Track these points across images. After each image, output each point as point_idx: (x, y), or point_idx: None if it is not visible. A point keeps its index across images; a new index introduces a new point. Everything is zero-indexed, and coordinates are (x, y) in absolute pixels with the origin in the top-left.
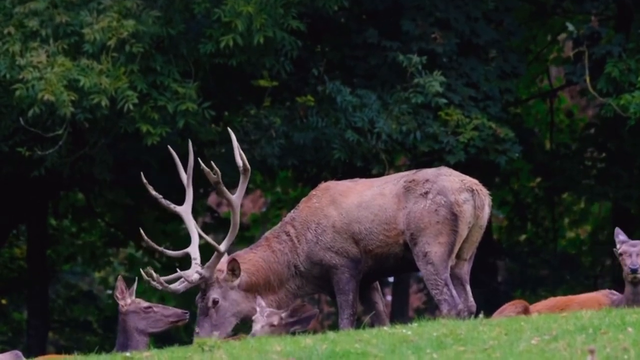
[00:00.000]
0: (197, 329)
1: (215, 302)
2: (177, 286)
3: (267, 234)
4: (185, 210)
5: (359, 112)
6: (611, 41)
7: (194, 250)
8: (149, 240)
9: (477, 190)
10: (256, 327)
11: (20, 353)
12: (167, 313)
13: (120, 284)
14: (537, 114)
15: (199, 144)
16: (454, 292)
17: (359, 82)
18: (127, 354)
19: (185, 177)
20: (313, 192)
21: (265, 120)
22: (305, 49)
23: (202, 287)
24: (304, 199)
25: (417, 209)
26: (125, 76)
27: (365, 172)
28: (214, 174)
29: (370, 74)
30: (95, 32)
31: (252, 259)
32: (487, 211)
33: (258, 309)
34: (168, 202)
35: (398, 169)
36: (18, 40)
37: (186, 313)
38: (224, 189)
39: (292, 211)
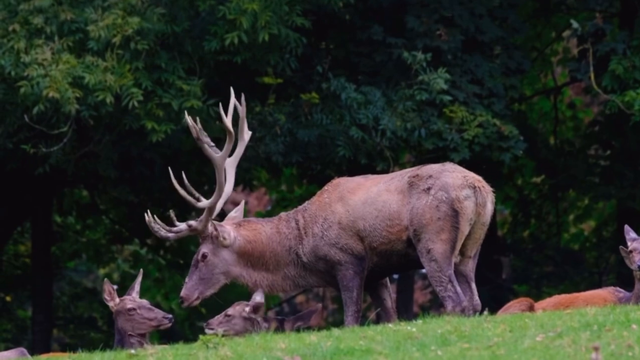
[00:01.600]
0: (186, 279)
1: (204, 256)
2: (166, 233)
3: (282, 214)
4: (218, 159)
5: (363, 109)
6: (615, 38)
7: (214, 202)
8: (188, 185)
9: (479, 187)
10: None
11: (25, 350)
12: (150, 316)
13: (107, 286)
14: (542, 109)
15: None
16: (458, 288)
17: (364, 79)
18: (132, 351)
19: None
20: (325, 187)
21: (270, 117)
22: (309, 46)
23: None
24: (318, 192)
25: (420, 205)
26: (130, 73)
27: (370, 170)
28: (196, 130)
29: (375, 70)
30: (100, 29)
31: (256, 229)
32: (489, 208)
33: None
34: (214, 148)
35: (403, 167)
36: (23, 37)
37: (168, 317)
38: (206, 146)
39: (307, 202)
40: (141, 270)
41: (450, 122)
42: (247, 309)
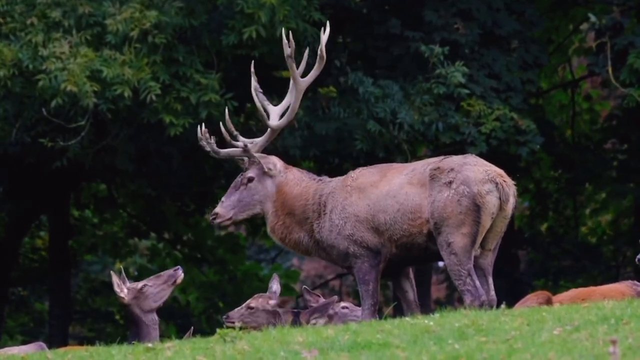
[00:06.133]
0: (223, 198)
1: (250, 180)
2: (216, 149)
3: (323, 177)
4: (302, 82)
5: (381, 103)
6: (633, 32)
7: (284, 124)
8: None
9: (501, 182)
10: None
11: (44, 345)
12: (161, 280)
13: (114, 278)
14: (560, 102)
15: (220, 135)
16: (477, 282)
17: (381, 72)
18: (149, 344)
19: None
20: (350, 174)
21: None
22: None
23: (245, 166)
24: (343, 177)
25: (441, 198)
26: (148, 67)
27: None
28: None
29: (393, 64)
30: (118, 22)
31: (298, 177)
32: (512, 202)
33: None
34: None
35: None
36: (41, 30)
37: (177, 269)
38: (294, 67)
39: (336, 179)
40: (121, 268)
41: (467, 115)
42: (272, 302)
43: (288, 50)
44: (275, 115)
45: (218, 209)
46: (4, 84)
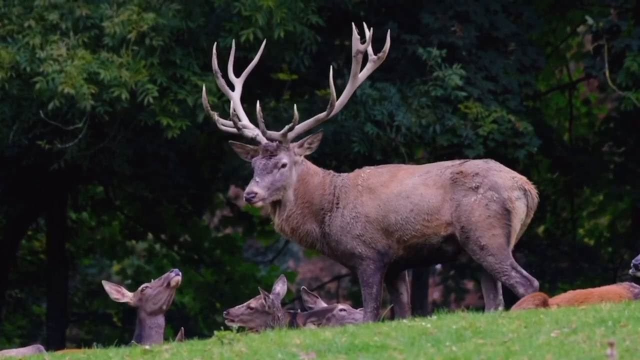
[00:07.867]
0: (257, 179)
1: (284, 165)
2: (249, 131)
3: (330, 170)
4: (359, 79)
5: (378, 105)
6: (631, 34)
7: (334, 112)
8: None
9: (529, 189)
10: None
11: (42, 347)
12: (159, 283)
13: (109, 287)
14: (557, 104)
15: (218, 137)
16: (523, 271)
17: (379, 75)
18: (147, 347)
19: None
20: (359, 172)
21: (285, 114)
22: (324, 42)
23: (269, 148)
24: (354, 174)
25: (468, 202)
26: (146, 69)
27: None
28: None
29: (390, 67)
30: (115, 25)
31: (315, 168)
32: (534, 210)
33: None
34: (223, 83)
35: (418, 163)
36: (38, 33)
37: (173, 271)
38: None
39: (346, 174)
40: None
41: (465, 118)
42: (269, 302)
43: (361, 46)
44: (237, 100)
45: (256, 189)
46: (1, 86)
